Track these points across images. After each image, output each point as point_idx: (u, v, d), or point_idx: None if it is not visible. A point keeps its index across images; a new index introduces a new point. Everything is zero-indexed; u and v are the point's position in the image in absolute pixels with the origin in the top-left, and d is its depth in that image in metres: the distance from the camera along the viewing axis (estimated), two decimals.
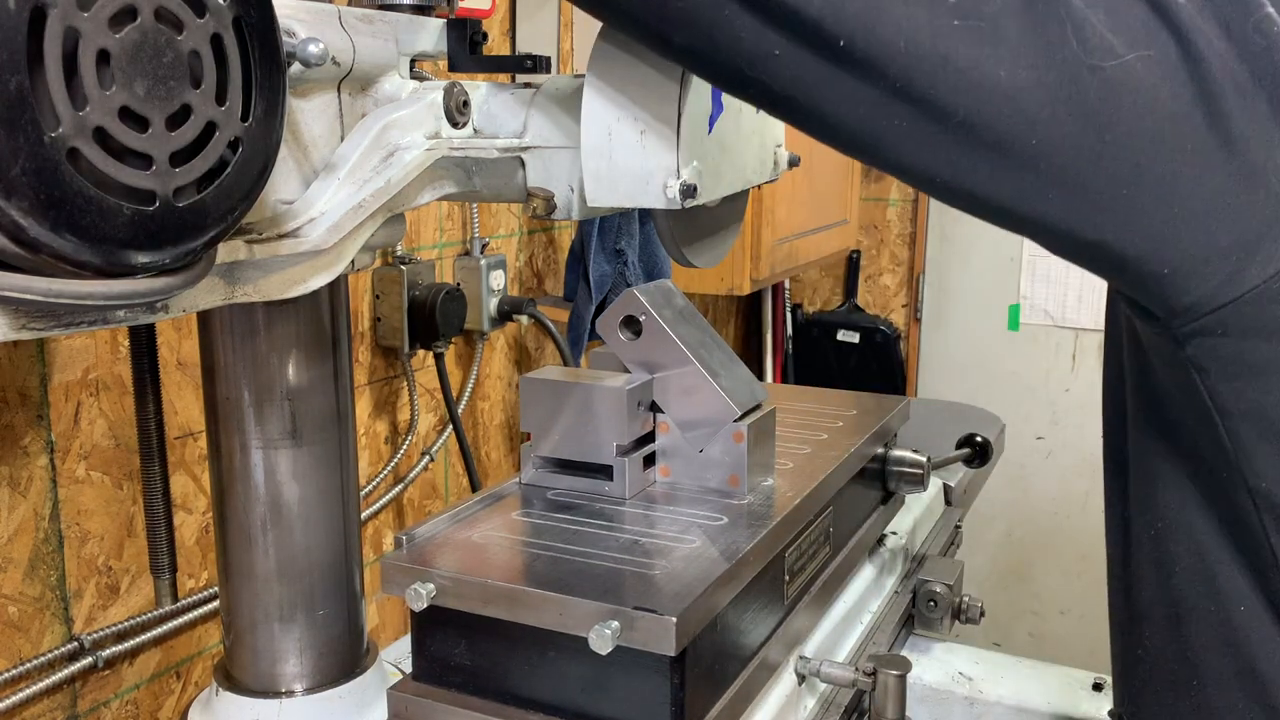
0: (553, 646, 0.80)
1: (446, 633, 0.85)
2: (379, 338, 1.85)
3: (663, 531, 0.90)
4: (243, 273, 0.73)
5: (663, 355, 0.98)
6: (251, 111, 0.63)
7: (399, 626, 2.00)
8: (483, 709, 0.84)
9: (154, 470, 0.99)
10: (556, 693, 0.82)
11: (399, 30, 0.85)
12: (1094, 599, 3.42)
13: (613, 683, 0.79)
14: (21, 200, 0.50)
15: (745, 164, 1.01)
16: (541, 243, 2.29)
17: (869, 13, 0.63)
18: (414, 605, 0.82)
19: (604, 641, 0.74)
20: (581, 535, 0.89)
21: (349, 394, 0.96)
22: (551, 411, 0.98)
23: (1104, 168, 0.65)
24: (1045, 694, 1.22)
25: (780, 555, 0.96)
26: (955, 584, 1.26)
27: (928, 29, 0.63)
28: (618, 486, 0.97)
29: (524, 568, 0.84)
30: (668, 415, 1.00)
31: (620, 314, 1.00)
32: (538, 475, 1.00)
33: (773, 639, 0.94)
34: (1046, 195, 0.67)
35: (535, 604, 0.78)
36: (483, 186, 0.94)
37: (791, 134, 1.09)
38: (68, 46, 0.52)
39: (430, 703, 0.85)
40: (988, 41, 0.63)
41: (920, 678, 1.25)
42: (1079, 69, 0.63)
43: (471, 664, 0.84)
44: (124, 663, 1.44)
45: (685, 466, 1.00)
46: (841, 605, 1.13)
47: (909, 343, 3.55)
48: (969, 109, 0.64)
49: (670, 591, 0.78)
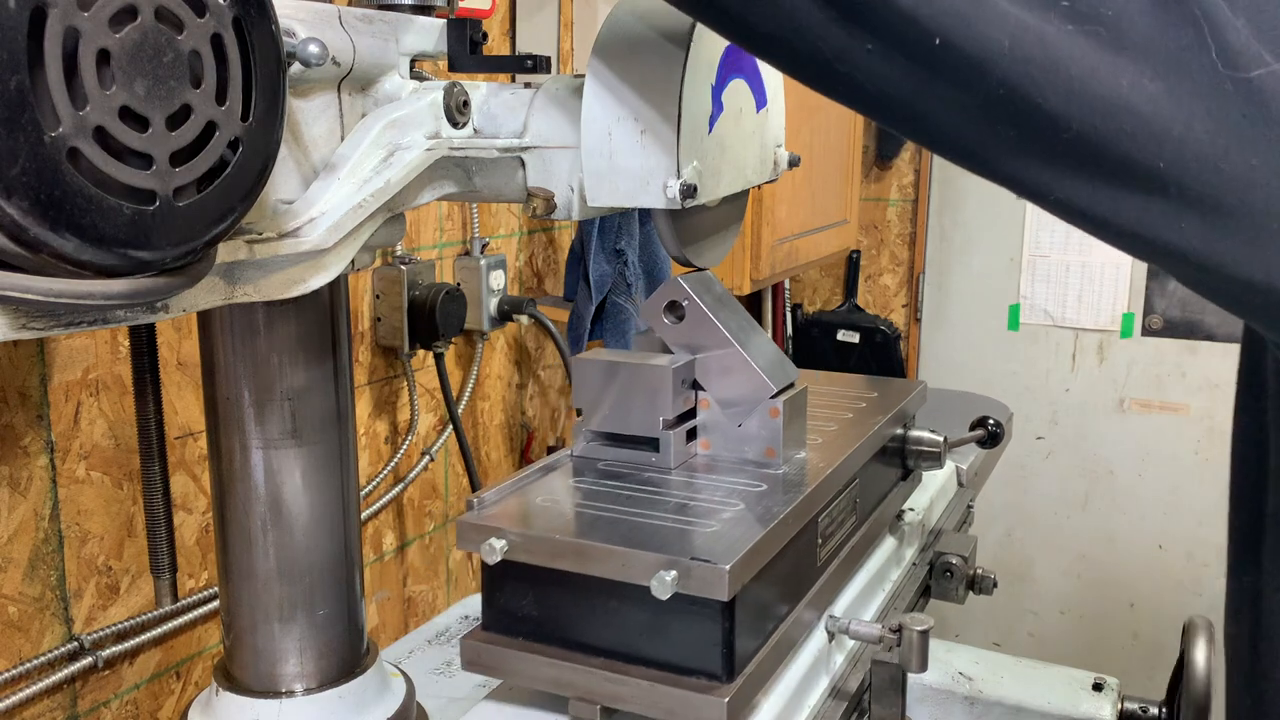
0: (615, 596, 0.88)
1: (516, 585, 0.92)
2: (379, 338, 1.85)
3: (707, 497, 0.98)
4: (243, 273, 0.73)
5: (704, 337, 1.06)
6: (251, 111, 0.63)
7: (399, 626, 2.00)
8: (549, 654, 0.90)
9: (154, 470, 0.99)
10: (617, 638, 0.89)
11: (399, 30, 0.85)
12: (1094, 599, 3.42)
13: (669, 628, 0.87)
14: (21, 200, 0.50)
15: (745, 164, 1.01)
16: (541, 243, 2.29)
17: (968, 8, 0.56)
18: (488, 559, 0.89)
19: (664, 588, 0.82)
20: (634, 499, 0.97)
21: (349, 394, 0.96)
22: (601, 389, 1.06)
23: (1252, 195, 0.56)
24: (1045, 694, 1.22)
25: (814, 520, 1.03)
26: (970, 556, 1.35)
27: (1036, 30, 0.56)
28: (664, 457, 1.05)
29: (586, 526, 0.92)
30: (708, 393, 1.08)
31: (665, 299, 1.07)
32: (588, 448, 1.08)
33: (807, 598, 1.02)
34: (1179, 224, 0.58)
35: (600, 557, 0.86)
36: (483, 186, 0.94)
37: (791, 134, 1.09)
38: (68, 46, 0.52)
39: (500, 650, 0.92)
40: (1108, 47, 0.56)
41: (920, 678, 1.25)
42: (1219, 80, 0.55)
43: (538, 614, 0.92)
44: (124, 663, 1.44)
45: (724, 440, 1.08)
46: (864, 574, 1.20)
47: (909, 343, 3.55)
48: (1085, 122, 0.57)
49: (721, 546, 0.86)
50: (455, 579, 2.16)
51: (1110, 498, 3.38)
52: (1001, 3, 0.56)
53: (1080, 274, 3.30)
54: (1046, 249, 3.31)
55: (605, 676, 0.88)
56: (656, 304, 1.07)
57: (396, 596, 2.00)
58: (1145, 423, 3.31)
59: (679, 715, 0.86)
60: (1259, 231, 0.57)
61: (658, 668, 0.88)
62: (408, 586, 2.03)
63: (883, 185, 3.53)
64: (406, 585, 2.03)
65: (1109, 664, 1.31)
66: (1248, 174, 0.56)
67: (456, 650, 1.26)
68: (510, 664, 0.92)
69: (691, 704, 0.85)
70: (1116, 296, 3.28)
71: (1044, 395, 3.40)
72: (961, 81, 0.58)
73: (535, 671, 0.91)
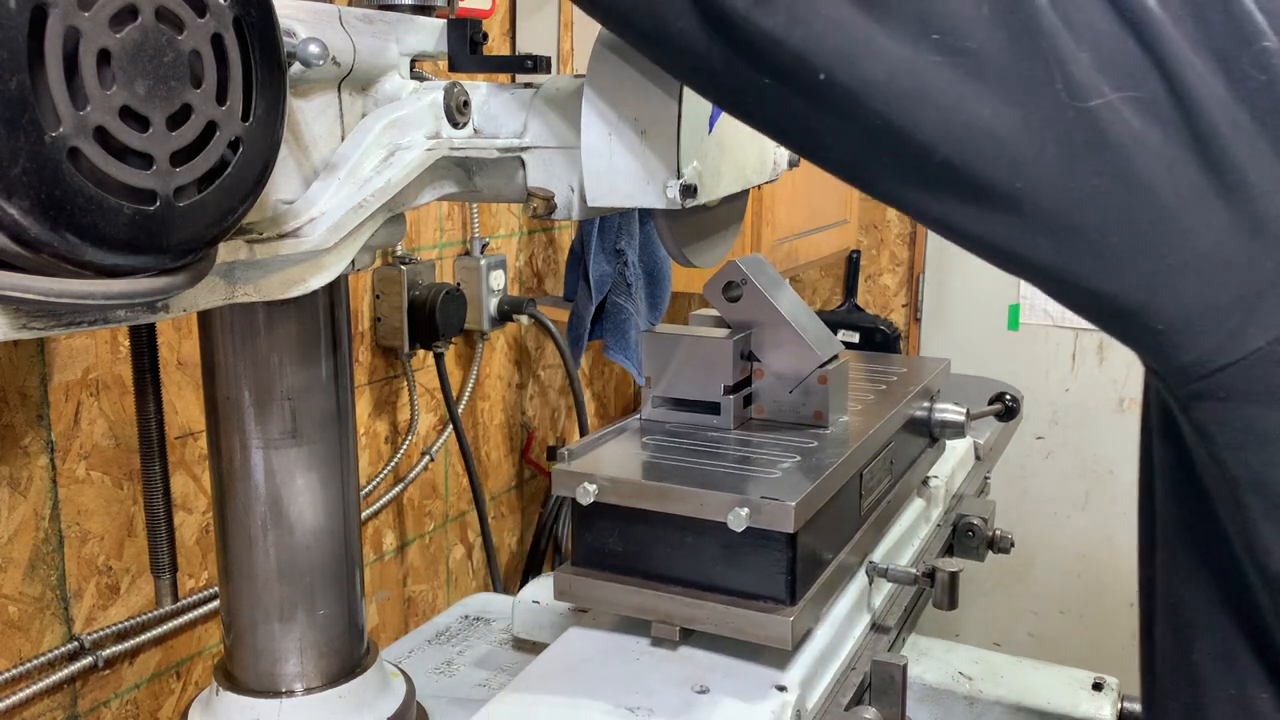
0: (692, 531, 1.00)
1: (604, 524, 1.04)
2: (379, 338, 1.85)
3: (766, 451, 1.11)
4: (243, 273, 0.73)
5: (759, 314, 1.19)
6: (252, 111, 0.63)
7: (399, 627, 2.00)
8: (633, 583, 1.02)
9: (154, 470, 0.99)
10: (693, 569, 1.01)
11: (399, 30, 0.85)
12: (1094, 599, 3.42)
13: (740, 558, 0.99)
14: (22, 200, 0.50)
15: (745, 164, 1.02)
16: (541, 243, 2.29)
17: (850, 46, 0.62)
18: (582, 500, 1.01)
19: (739, 521, 0.94)
20: (701, 452, 1.10)
21: (349, 394, 0.96)
22: (667, 359, 1.19)
23: (1092, 213, 0.62)
24: (1045, 694, 1.22)
25: (859, 473, 1.16)
26: (989, 518, 1.50)
27: (909, 63, 0.61)
28: (725, 419, 1.18)
29: (664, 472, 1.04)
30: (763, 363, 1.21)
31: (724, 280, 1.19)
32: (654, 412, 1.21)
33: (851, 543, 1.14)
34: (1035, 240, 0.64)
35: (681, 497, 0.98)
36: (483, 186, 0.94)
37: None
38: (68, 46, 0.52)
39: (590, 581, 1.04)
40: (971, 77, 0.61)
41: (920, 677, 1.25)
42: (1063, 109, 0.60)
43: (623, 549, 1.04)
44: (124, 663, 1.44)
45: (777, 406, 1.22)
46: (897, 529, 1.31)
47: (909, 342, 3.55)
48: (950, 148, 0.62)
49: (784, 488, 0.98)
50: (455, 579, 2.16)
51: (1110, 498, 3.38)
52: (879, 39, 0.61)
53: None
54: None
55: (684, 601, 1.00)
56: (716, 284, 1.20)
57: (396, 596, 2.00)
58: None
59: (749, 633, 0.98)
60: (1102, 247, 0.63)
61: (729, 594, 0.99)
62: (408, 586, 2.03)
63: None
64: (406, 585, 2.03)
65: (1109, 664, 1.32)
66: (1090, 194, 0.61)
67: (457, 650, 1.26)
68: (599, 593, 1.04)
69: (760, 623, 0.97)
70: None
71: (1044, 395, 3.40)
72: (844, 113, 0.64)
73: (621, 599, 1.03)
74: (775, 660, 1.00)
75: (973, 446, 1.73)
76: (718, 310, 1.21)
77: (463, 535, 2.17)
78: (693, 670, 0.99)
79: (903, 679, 1.04)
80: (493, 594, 1.47)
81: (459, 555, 2.16)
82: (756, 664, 0.99)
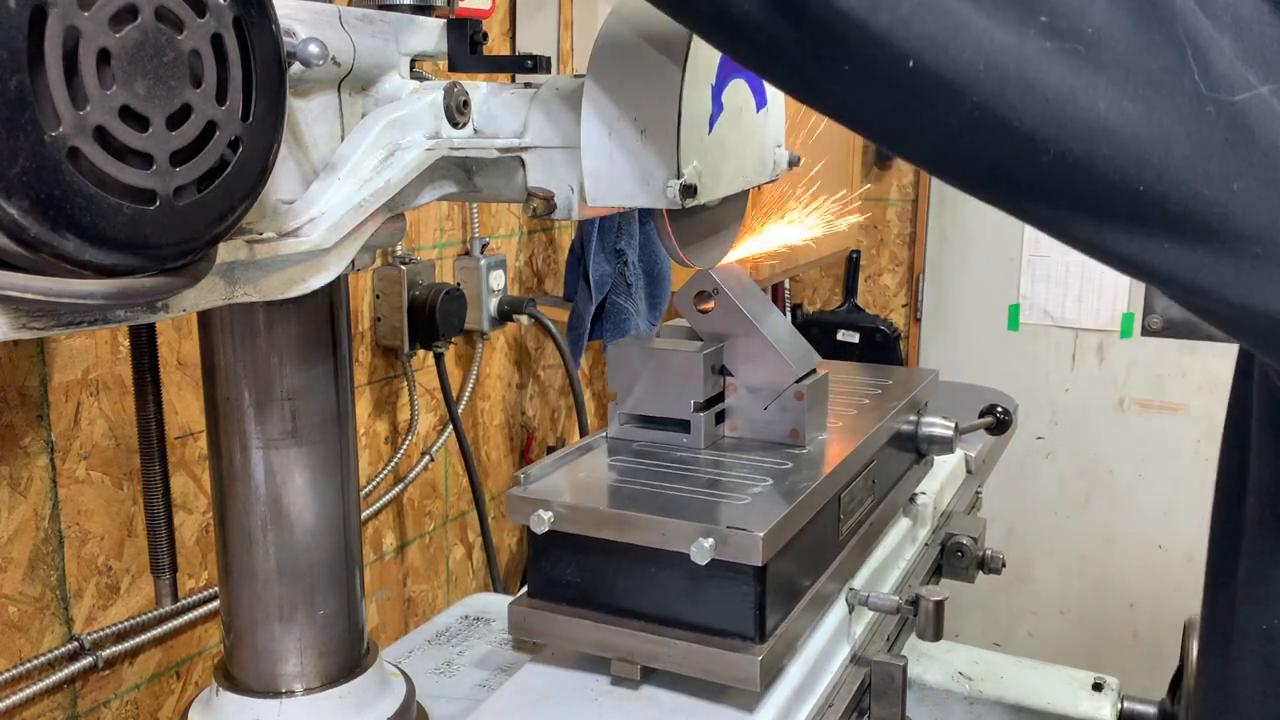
0: (653, 562, 0.94)
1: (560, 554, 0.98)
2: (379, 338, 1.85)
3: (737, 473, 1.04)
4: (243, 273, 0.73)
5: (732, 325, 1.12)
6: (252, 111, 0.63)
7: (399, 627, 2.00)
8: (591, 618, 0.96)
9: (154, 470, 0.99)
10: (655, 603, 0.95)
11: (399, 30, 0.85)
12: (1094, 599, 3.42)
13: (705, 592, 0.92)
14: (22, 200, 0.50)
15: (745, 164, 1.01)
16: (541, 243, 2.29)
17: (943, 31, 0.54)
18: (537, 529, 0.95)
19: (703, 554, 0.88)
20: (668, 475, 1.04)
21: (349, 394, 0.96)
22: (635, 374, 1.12)
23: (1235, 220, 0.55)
24: (1045, 694, 1.22)
25: (837, 496, 1.09)
26: (979, 537, 1.42)
27: (1014, 50, 0.54)
28: (695, 438, 1.11)
29: (626, 498, 0.98)
30: (736, 377, 1.14)
31: (695, 289, 1.13)
32: (622, 430, 1.14)
33: (829, 570, 1.08)
34: (1162, 247, 0.57)
35: (642, 526, 0.92)
36: (483, 186, 0.94)
37: (791, 134, 1.09)
38: (68, 46, 0.52)
39: (546, 615, 0.98)
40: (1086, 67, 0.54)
41: (920, 677, 1.25)
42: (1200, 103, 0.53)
43: (581, 580, 0.98)
44: (124, 663, 1.44)
45: (751, 423, 1.14)
46: (881, 550, 1.25)
47: (909, 343, 3.55)
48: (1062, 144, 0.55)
49: (753, 516, 0.92)
50: (455, 579, 2.16)
51: (1110, 498, 3.38)
52: (978, 22, 0.54)
53: (1080, 274, 3.30)
54: (1046, 249, 3.31)
55: (645, 638, 0.94)
56: (687, 293, 1.13)
57: (396, 596, 2.00)
58: (1145, 423, 3.31)
59: (714, 673, 0.91)
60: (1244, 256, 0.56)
61: (694, 630, 0.93)
62: (408, 586, 2.03)
63: (882, 185, 3.53)
64: (406, 585, 2.03)
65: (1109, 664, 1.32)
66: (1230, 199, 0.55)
67: (457, 650, 1.26)
68: (555, 628, 0.98)
69: (726, 662, 0.90)
70: (1116, 296, 3.28)
71: (1044, 395, 3.40)
72: (938, 103, 0.57)
73: (579, 634, 0.97)
74: (744, 701, 0.93)
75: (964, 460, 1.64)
76: (689, 321, 1.14)
77: (463, 535, 2.17)
78: (655, 712, 0.93)
79: (903, 679, 1.03)
80: (493, 594, 1.47)
81: (459, 555, 2.16)
82: (724, 705, 0.93)
